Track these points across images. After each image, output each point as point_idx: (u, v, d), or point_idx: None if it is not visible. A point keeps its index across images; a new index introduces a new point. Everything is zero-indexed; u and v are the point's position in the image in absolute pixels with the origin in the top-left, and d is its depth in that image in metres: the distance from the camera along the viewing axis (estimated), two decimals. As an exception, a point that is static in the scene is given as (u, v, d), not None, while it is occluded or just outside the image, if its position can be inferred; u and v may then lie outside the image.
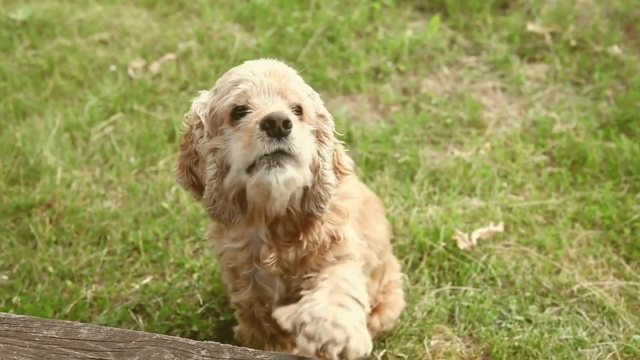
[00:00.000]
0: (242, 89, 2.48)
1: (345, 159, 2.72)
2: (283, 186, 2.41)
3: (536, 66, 5.31)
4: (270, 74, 2.51)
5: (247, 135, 2.39)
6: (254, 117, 2.40)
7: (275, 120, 2.33)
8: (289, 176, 2.39)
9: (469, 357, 3.41)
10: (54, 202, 4.20)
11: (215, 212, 2.56)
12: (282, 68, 2.58)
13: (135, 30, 5.77)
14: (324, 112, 2.65)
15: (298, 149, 2.39)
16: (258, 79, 2.49)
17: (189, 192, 2.69)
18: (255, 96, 2.46)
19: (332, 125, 2.66)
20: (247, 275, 2.77)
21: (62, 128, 4.76)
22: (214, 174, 2.52)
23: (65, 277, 3.80)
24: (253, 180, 2.40)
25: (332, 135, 2.65)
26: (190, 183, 2.65)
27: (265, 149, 2.35)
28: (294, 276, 2.74)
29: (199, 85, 5.14)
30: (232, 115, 2.49)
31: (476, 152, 4.55)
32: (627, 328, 3.51)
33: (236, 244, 2.71)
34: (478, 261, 3.83)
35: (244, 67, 2.57)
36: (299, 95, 2.54)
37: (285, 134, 2.35)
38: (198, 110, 2.60)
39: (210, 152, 2.54)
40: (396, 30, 5.62)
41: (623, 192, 4.23)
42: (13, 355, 2.44)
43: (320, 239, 2.68)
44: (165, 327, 3.55)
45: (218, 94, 2.57)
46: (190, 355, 2.44)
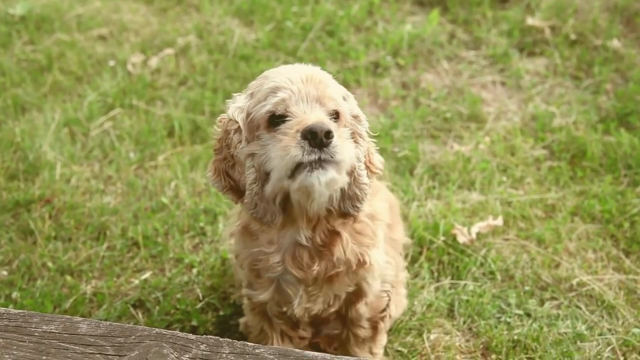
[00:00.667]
0: (280, 97, 2.47)
1: (377, 158, 2.74)
2: (324, 187, 2.43)
3: (536, 60, 5.30)
4: (307, 80, 2.50)
5: (287, 143, 2.40)
6: (295, 126, 2.41)
7: (318, 132, 2.35)
8: (330, 177, 2.42)
9: (469, 351, 3.42)
10: (53, 198, 4.20)
11: (257, 216, 2.57)
12: (319, 74, 2.57)
13: (134, 25, 5.76)
14: (358, 112, 2.67)
15: (340, 155, 2.41)
16: (296, 86, 2.48)
17: (227, 195, 2.69)
18: (294, 104, 2.46)
19: (366, 125, 2.68)
20: (272, 278, 2.77)
21: (61, 123, 4.75)
22: (254, 178, 2.53)
23: (64, 273, 3.80)
24: (296, 184, 2.42)
25: (366, 136, 2.67)
26: (228, 187, 2.65)
27: (305, 157, 2.37)
28: (319, 293, 2.78)
29: (198, 80, 5.13)
30: (269, 122, 2.49)
31: (476, 146, 4.55)
32: (626, 322, 3.52)
33: (270, 247, 2.71)
34: (477, 255, 3.83)
35: (281, 74, 2.55)
36: (336, 102, 2.54)
37: (327, 144, 2.37)
38: (236, 115, 2.58)
39: (248, 157, 2.55)
40: (395, 25, 5.61)
41: (622, 186, 4.23)
42: (12, 350, 2.44)
43: (346, 255, 2.71)
44: (164, 322, 3.55)
45: (254, 99, 2.56)
46: (189, 350, 2.44)
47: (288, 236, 2.70)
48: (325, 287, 2.77)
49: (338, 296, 2.86)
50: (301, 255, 2.69)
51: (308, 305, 2.82)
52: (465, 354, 3.41)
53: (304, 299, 2.80)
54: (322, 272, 2.71)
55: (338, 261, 2.72)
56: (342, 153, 2.42)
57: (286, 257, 2.70)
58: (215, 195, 4.19)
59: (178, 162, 4.44)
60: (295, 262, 2.69)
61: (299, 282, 2.75)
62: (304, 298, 2.80)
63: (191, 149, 4.56)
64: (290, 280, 2.76)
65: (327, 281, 2.75)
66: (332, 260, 2.71)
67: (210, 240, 3.97)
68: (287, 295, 2.81)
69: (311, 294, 2.79)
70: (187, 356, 2.41)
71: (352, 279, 2.81)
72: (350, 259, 2.72)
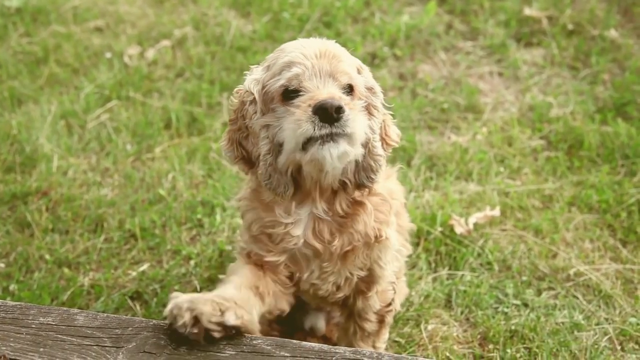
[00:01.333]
0: (294, 72, 2.51)
1: (393, 130, 2.77)
2: (336, 160, 2.46)
3: (533, 50, 5.29)
4: (321, 55, 2.53)
5: (299, 117, 2.43)
6: (307, 100, 2.44)
7: (328, 108, 2.38)
8: (342, 150, 2.44)
9: (466, 341, 3.42)
10: (50, 190, 4.19)
11: (271, 186, 2.59)
12: (332, 48, 2.59)
13: (130, 17, 5.74)
14: (373, 84, 2.69)
15: (351, 129, 2.44)
16: (309, 62, 2.51)
17: (238, 165, 2.72)
18: (307, 79, 2.50)
19: (381, 97, 2.70)
20: (288, 248, 2.75)
21: (58, 116, 4.75)
22: (268, 149, 2.56)
23: (62, 265, 3.80)
24: (308, 156, 2.45)
25: (381, 108, 2.70)
26: (240, 157, 2.68)
27: (316, 132, 2.40)
28: (333, 269, 2.77)
29: (195, 71, 5.12)
30: (283, 96, 2.52)
31: (473, 137, 4.55)
32: (623, 311, 3.52)
33: (287, 218, 2.71)
34: (475, 246, 3.84)
35: (296, 48, 2.58)
36: (349, 75, 2.57)
37: (338, 119, 2.40)
38: (252, 87, 2.62)
39: (263, 128, 2.58)
40: (392, 15, 5.60)
41: (620, 176, 4.23)
42: (10, 342, 2.44)
43: (367, 227, 2.72)
44: (162, 313, 3.55)
45: (270, 71, 2.60)
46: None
47: (305, 210, 2.70)
48: (339, 263, 2.77)
49: (349, 279, 2.85)
50: (321, 230, 2.70)
51: (317, 282, 2.81)
52: (462, 344, 3.41)
53: (314, 274, 2.79)
54: (340, 247, 2.72)
55: (358, 234, 2.72)
56: (353, 126, 2.44)
57: (307, 232, 2.70)
58: (213, 187, 4.18)
59: (175, 154, 4.43)
60: (316, 236, 2.70)
61: (315, 256, 2.75)
62: (316, 273, 2.79)
63: (188, 141, 4.56)
64: (307, 253, 2.75)
65: (343, 257, 2.75)
66: (352, 234, 2.71)
67: (207, 232, 3.97)
68: (300, 265, 2.79)
69: (324, 270, 2.78)
70: (184, 347, 2.42)
71: (366, 256, 2.80)
72: (369, 232, 2.73)
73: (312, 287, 2.84)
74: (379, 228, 2.76)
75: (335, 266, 2.77)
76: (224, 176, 4.27)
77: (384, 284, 2.94)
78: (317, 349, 2.44)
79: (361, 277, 2.88)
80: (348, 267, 2.79)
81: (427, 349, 3.39)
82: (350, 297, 2.96)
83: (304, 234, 2.70)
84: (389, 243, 2.82)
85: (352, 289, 2.92)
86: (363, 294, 2.95)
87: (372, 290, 2.93)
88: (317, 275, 2.80)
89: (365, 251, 2.78)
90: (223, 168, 4.35)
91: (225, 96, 4.89)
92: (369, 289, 2.93)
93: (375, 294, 2.95)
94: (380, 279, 2.91)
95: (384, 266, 2.87)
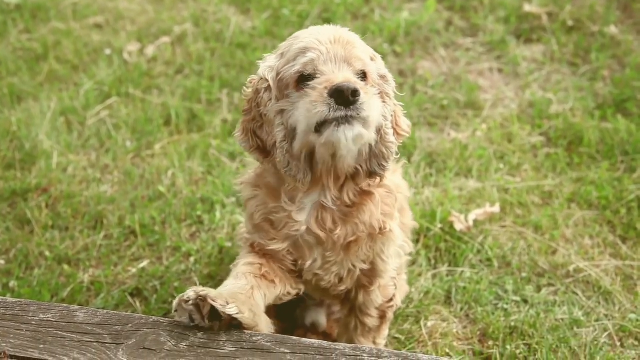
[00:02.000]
0: (309, 58, 2.53)
1: (404, 121, 2.79)
2: (351, 142, 2.48)
3: (533, 47, 5.29)
4: (335, 41, 2.56)
5: (314, 99, 2.45)
6: (323, 83, 2.46)
7: (344, 91, 2.40)
8: (357, 132, 2.46)
9: (466, 338, 3.42)
10: (50, 187, 4.19)
11: (291, 173, 2.60)
12: (347, 35, 2.62)
13: (130, 13, 5.74)
14: (386, 73, 2.71)
15: (367, 112, 2.45)
16: (324, 47, 2.54)
17: (253, 155, 2.72)
18: (322, 64, 2.52)
19: (393, 85, 2.72)
20: (291, 235, 2.76)
21: (58, 112, 4.74)
22: (283, 136, 2.57)
23: (62, 262, 3.80)
24: (322, 139, 2.46)
25: (393, 96, 2.72)
26: (255, 146, 2.69)
27: (331, 114, 2.42)
28: (336, 259, 2.77)
29: (194, 68, 5.12)
30: (298, 81, 2.54)
31: (473, 133, 4.55)
32: (622, 307, 3.53)
33: (291, 205, 2.71)
34: (474, 242, 3.84)
35: (310, 34, 2.61)
36: (363, 62, 2.59)
37: (354, 102, 2.42)
38: (267, 74, 2.63)
39: (278, 115, 2.59)
40: (392, 12, 5.59)
41: (619, 173, 4.23)
42: (10, 338, 2.44)
43: (372, 220, 2.73)
44: (162, 310, 3.56)
45: (284, 58, 2.61)
46: (186, 338, 2.45)
47: (311, 198, 2.71)
48: (342, 254, 2.77)
49: (352, 272, 2.85)
50: (324, 219, 2.70)
51: (320, 272, 2.81)
52: (462, 341, 3.42)
53: (317, 263, 2.79)
54: (343, 237, 2.72)
55: (362, 225, 2.73)
56: (368, 110, 2.46)
57: (310, 219, 2.71)
58: (212, 184, 4.18)
59: (175, 151, 4.43)
60: (319, 224, 2.71)
61: (319, 244, 2.75)
62: (318, 263, 2.79)
63: (188, 138, 4.56)
64: (309, 241, 2.76)
65: (346, 248, 2.76)
66: (356, 224, 2.72)
67: (207, 229, 3.97)
68: (303, 252, 2.79)
69: (327, 260, 2.78)
70: (184, 344, 2.42)
71: (370, 249, 2.80)
72: (373, 224, 2.74)
73: (315, 277, 2.84)
74: (383, 220, 2.77)
75: (338, 256, 2.77)
76: (223, 173, 4.27)
77: (386, 277, 2.95)
78: (316, 345, 2.44)
79: (364, 271, 2.88)
80: (351, 259, 2.79)
81: (427, 346, 3.39)
82: (352, 291, 2.97)
83: (307, 221, 2.71)
84: (393, 236, 2.83)
85: (355, 283, 2.93)
86: (365, 288, 2.95)
87: (374, 284, 2.94)
88: (320, 265, 2.80)
89: (368, 243, 2.78)
90: (223, 165, 4.35)
91: (225, 93, 4.89)
92: (371, 283, 2.93)
93: (377, 289, 2.95)
94: (382, 273, 2.91)
95: (386, 260, 2.87)
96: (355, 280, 2.91)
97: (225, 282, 2.70)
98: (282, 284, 2.82)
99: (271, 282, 2.76)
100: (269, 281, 2.76)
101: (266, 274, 2.77)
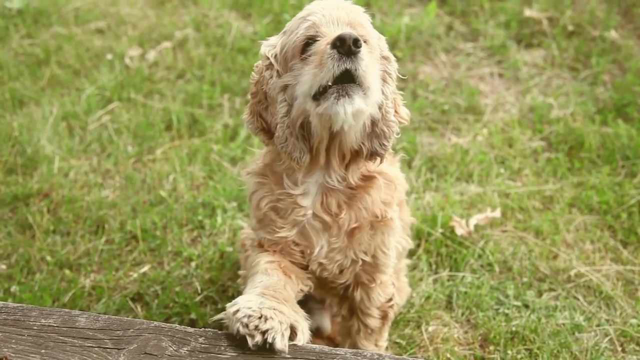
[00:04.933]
0: (311, 21, 2.55)
1: (403, 109, 2.78)
2: (351, 117, 2.46)
3: (533, 52, 5.30)
4: (339, 8, 2.59)
5: (318, 57, 2.45)
6: (325, 41, 2.46)
7: (346, 38, 2.38)
8: (357, 107, 2.44)
9: (467, 343, 3.42)
10: (51, 192, 4.20)
11: (287, 150, 2.60)
12: (351, 5, 2.65)
13: (131, 18, 5.75)
14: (389, 54, 2.72)
15: (364, 71, 2.43)
16: (327, 11, 2.56)
17: (259, 136, 2.74)
18: (324, 26, 2.54)
19: (395, 67, 2.73)
20: (297, 222, 2.76)
21: (59, 117, 4.75)
22: (285, 112, 2.58)
23: (63, 266, 3.80)
24: (320, 109, 2.45)
25: (395, 77, 2.72)
26: (260, 128, 2.71)
27: (335, 67, 2.39)
28: (340, 245, 2.78)
29: (195, 73, 5.13)
30: (302, 49, 2.55)
31: (473, 138, 4.55)
32: (624, 312, 3.53)
33: (295, 189, 2.72)
34: (475, 247, 3.84)
35: (313, 4, 2.65)
36: (366, 30, 2.61)
37: (355, 52, 2.40)
38: (267, 52, 2.66)
39: (281, 91, 2.60)
40: (393, 17, 5.60)
41: (620, 177, 4.23)
42: (11, 343, 2.44)
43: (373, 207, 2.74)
44: (163, 315, 3.56)
45: (287, 33, 2.64)
46: (188, 343, 2.45)
47: (315, 178, 2.71)
48: (346, 240, 2.77)
49: (354, 263, 2.85)
50: (329, 203, 2.71)
51: (324, 261, 2.81)
52: (463, 346, 3.42)
53: (323, 250, 2.79)
54: (347, 222, 2.73)
55: (365, 211, 2.74)
56: (367, 70, 2.43)
57: (315, 204, 2.72)
58: (214, 189, 4.19)
59: (176, 156, 4.44)
60: (324, 208, 2.71)
61: (325, 229, 2.76)
62: (324, 249, 2.79)
63: (189, 143, 4.56)
64: (316, 226, 2.76)
65: (349, 235, 2.76)
66: (359, 209, 2.73)
67: (208, 234, 3.97)
68: (310, 239, 2.79)
69: (332, 246, 2.78)
70: (185, 349, 2.42)
71: (371, 237, 2.81)
72: (375, 211, 2.75)
73: (320, 267, 2.84)
74: (384, 209, 2.78)
75: (343, 243, 2.77)
76: (224, 178, 4.27)
77: (387, 272, 2.95)
78: (317, 350, 2.44)
79: (365, 266, 2.88)
80: (354, 246, 2.79)
81: (428, 351, 3.39)
82: (350, 288, 2.97)
83: (312, 205, 2.72)
84: (393, 225, 2.83)
85: (354, 279, 2.93)
86: (365, 286, 2.95)
87: (375, 280, 2.94)
88: (325, 253, 2.80)
89: (370, 232, 2.79)
90: (224, 170, 4.35)
91: (226, 97, 4.90)
92: (372, 280, 2.93)
93: (378, 286, 2.95)
94: (383, 266, 2.91)
95: (387, 252, 2.88)
96: (355, 272, 2.91)
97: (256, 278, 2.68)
98: (296, 280, 2.82)
99: (289, 278, 2.77)
100: (288, 276, 2.77)
101: (285, 269, 2.78)
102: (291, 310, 2.53)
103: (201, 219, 4.04)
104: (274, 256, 2.83)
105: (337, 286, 2.97)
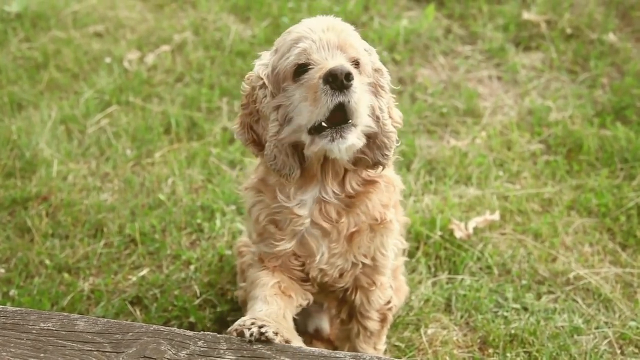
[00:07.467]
0: (302, 47, 2.56)
1: (396, 112, 2.81)
2: (344, 152, 2.55)
3: (532, 54, 5.30)
4: (328, 29, 2.60)
5: (311, 92, 2.48)
6: (317, 73, 2.49)
7: (338, 74, 2.42)
8: (349, 143, 2.53)
9: (466, 346, 3.42)
10: (50, 195, 4.20)
11: (276, 167, 2.63)
12: (340, 23, 2.66)
13: (130, 22, 5.75)
14: (380, 66, 2.74)
15: (356, 103, 2.48)
16: (317, 35, 2.57)
17: (249, 148, 2.77)
18: (315, 52, 2.55)
19: (388, 78, 2.75)
20: (296, 231, 2.78)
21: (58, 121, 4.75)
22: (276, 131, 2.61)
23: (62, 270, 3.80)
24: (315, 147, 2.53)
25: (388, 89, 2.74)
26: (250, 140, 2.74)
27: (329, 102, 2.44)
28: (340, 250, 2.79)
29: (194, 76, 5.13)
30: (294, 73, 2.57)
31: (472, 141, 4.56)
32: (622, 315, 3.53)
33: (289, 202, 2.73)
34: (474, 250, 3.84)
35: (303, 25, 2.65)
36: (357, 50, 2.63)
37: (348, 86, 2.45)
38: (261, 72, 2.67)
39: (274, 110, 2.62)
40: (391, 20, 5.61)
41: (619, 180, 4.24)
42: (10, 347, 2.44)
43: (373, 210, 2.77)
44: (162, 318, 3.56)
45: (279, 53, 2.65)
46: (187, 346, 2.45)
47: (310, 194, 2.73)
48: (346, 245, 2.79)
49: (354, 267, 2.87)
50: (328, 211, 2.73)
51: (325, 267, 2.82)
52: (462, 349, 3.41)
53: (325, 257, 2.80)
54: (346, 227, 2.75)
55: (364, 215, 2.76)
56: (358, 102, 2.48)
57: (313, 212, 2.73)
58: (212, 192, 4.19)
59: (175, 159, 4.44)
60: (322, 216, 2.73)
61: (324, 235, 2.77)
62: (325, 256, 2.80)
63: (188, 146, 4.56)
64: (315, 234, 2.77)
65: (349, 239, 2.78)
66: (358, 214, 2.75)
67: (207, 237, 3.97)
68: (310, 248, 2.80)
69: (332, 252, 2.79)
70: (184, 353, 2.42)
71: (370, 240, 2.82)
72: (374, 214, 2.77)
73: (320, 272, 2.85)
74: (384, 212, 2.80)
75: (343, 247, 2.79)
76: (223, 181, 4.27)
77: (386, 274, 2.97)
78: (317, 354, 2.44)
79: (365, 269, 2.90)
80: (353, 250, 2.81)
81: (427, 353, 3.39)
82: (349, 292, 2.98)
83: (310, 214, 2.73)
84: (392, 226, 2.86)
85: (353, 282, 2.94)
86: (364, 289, 2.96)
87: (375, 283, 2.95)
88: (326, 259, 2.81)
89: (369, 234, 2.80)
90: (223, 173, 4.35)
91: (225, 101, 4.90)
92: (371, 283, 2.95)
93: (377, 289, 2.96)
94: (383, 268, 2.93)
95: (386, 254, 2.90)
96: (354, 278, 2.92)
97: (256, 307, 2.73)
98: (296, 297, 2.87)
99: (289, 297, 2.81)
100: (288, 296, 2.81)
101: (285, 289, 2.82)
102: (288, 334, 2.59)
103: (200, 222, 4.03)
104: (274, 275, 2.86)
105: (336, 290, 2.98)
